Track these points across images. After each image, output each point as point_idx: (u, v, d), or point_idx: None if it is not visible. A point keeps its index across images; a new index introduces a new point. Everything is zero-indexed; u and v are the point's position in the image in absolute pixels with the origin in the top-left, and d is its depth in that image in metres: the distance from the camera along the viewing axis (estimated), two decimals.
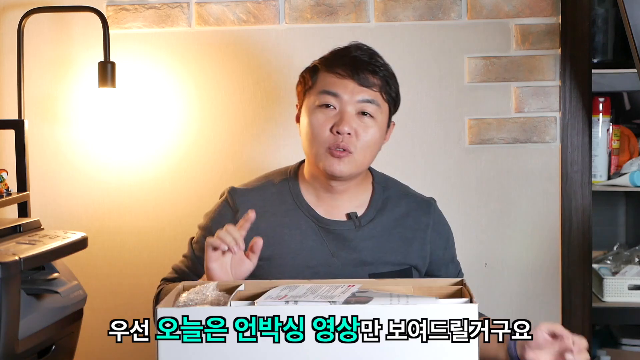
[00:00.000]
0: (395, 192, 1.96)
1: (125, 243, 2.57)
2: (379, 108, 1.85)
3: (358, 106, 1.83)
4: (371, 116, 1.84)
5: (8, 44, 2.52)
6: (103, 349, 2.51)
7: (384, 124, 1.88)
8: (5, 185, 2.14)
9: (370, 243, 1.89)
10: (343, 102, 1.83)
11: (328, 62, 1.87)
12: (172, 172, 2.54)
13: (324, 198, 1.91)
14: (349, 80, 1.83)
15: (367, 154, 1.86)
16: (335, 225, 1.89)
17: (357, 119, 1.83)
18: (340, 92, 1.83)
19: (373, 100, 1.84)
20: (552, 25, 2.48)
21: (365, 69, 1.84)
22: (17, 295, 1.65)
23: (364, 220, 1.91)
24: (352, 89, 1.83)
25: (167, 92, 2.53)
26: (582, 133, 2.49)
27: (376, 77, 1.84)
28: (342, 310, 1.40)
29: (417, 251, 1.92)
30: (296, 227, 1.90)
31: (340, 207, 1.91)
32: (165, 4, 2.53)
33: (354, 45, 1.90)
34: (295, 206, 1.91)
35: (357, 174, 1.88)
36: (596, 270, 2.93)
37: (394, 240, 1.91)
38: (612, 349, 3.08)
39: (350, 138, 1.82)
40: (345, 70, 1.83)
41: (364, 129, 1.83)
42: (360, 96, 1.83)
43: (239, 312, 1.41)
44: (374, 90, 1.84)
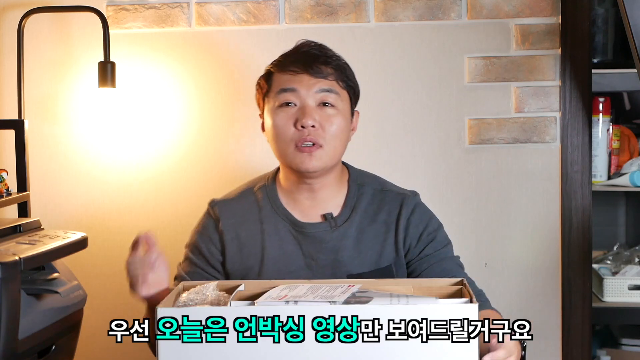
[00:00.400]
0: (370, 188, 1.94)
1: (125, 243, 2.54)
2: (339, 96, 1.85)
3: (317, 97, 1.83)
4: (332, 106, 1.84)
5: (8, 44, 2.52)
6: (103, 349, 2.51)
7: (347, 113, 1.88)
8: (5, 185, 2.14)
9: (347, 243, 1.88)
10: (302, 96, 1.83)
11: (280, 63, 1.88)
12: (172, 172, 2.54)
13: (300, 200, 1.91)
14: (303, 74, 1.84)
15: (336, 145, 1.85)
16: (311, 228, 1.89)
17: (319, 110, 1.83)
18: (297, 87, 1.84)
19: (331, 89, 1.84)
20: (552, 25, 2.48)
21: (317, 61, 1.85)
22: (17, 295, 1.65)
23: (340, 220, 1.89)
24: (308, 82, 1.84)
25: (167, 92, 2.53)
26: (582, 133, 2.49)
27: (329, 67, 1.85)
28: (342, 310, 1.40)
29: (391, 245, 1.90)
30: (275, 233, 1.90)
31: (317, 208, 1.91)
32: (165, 4, 2.53)
33: (302, 43, 1.92)
34: (273, 212, 1.91)
35: (331, 167, 1.87)
36: (596, 270, 2.93)
37: (369, 238, 1.90)
38: (612, 349, 3.08)
39: (316, 130, 1.82)
40: (297, 65, 1.85)
41: (327, 120, 1.83)
42: (317, 87, 1.83)
43: (239, 312, 1.41)
44: (330, 80, 1.84)
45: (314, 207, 1.91)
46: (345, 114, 1.87)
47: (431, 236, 1.92)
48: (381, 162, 2.51)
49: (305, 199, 1.90)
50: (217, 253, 1.92)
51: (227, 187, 2.45)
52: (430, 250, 1.91)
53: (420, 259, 1.90)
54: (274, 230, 1.90)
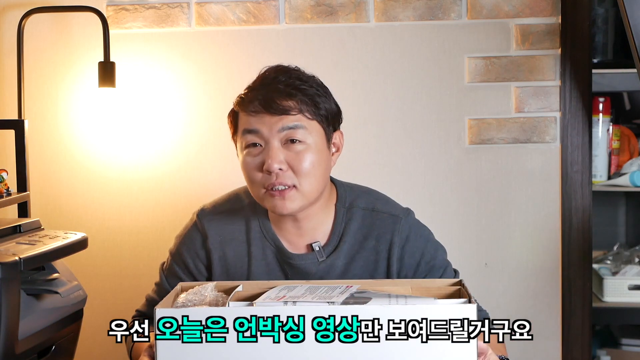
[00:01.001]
0: (359, 211, 1.84)
1: (125, 243, 2.57)
2: (306, 130, 1.73)
3: (282, 135, 1.73)
4: (300, 141, 1.73)
5: (8, 44, 2.52)
6: (103, 349, 2.51)
7: (320, 143, 1.76)
8: (5, 185, 2.14)
9: (334, 275, 1.80)
10: (265, 137, 1.73)
11: (243, 102, 1.78)
12: (171, 172, 2.54)
13: (287, 228, 1.83)
14: (263, 114, 1.73)
15: (312, 183, 1.74)
16: (298, 260, 1.81)
17: (286, 150, 1.73)
18: (259, 128, 1.73)
19: (296, 125, 1.73)
20: (552, 25, 2.48)
21: (278, 96, 1.73)
22: (17, 295, 1.65)
23: (327, 250, 1.82)
24: (269, 122, 1.72)
25: (167, 92, 2.53)
26: (582, 133, 2.49)
27: (293, 100, 1.73)
28: (342, 311, 1.41)
29: (382, 275, 1.81)
30: (262, 258, 1.83)
31: (304, 237, 1.83)
32: (165, 4, 2.53)
33: (267, 71, 1.80)
34: (261, 235, 1.84)
35: (309, 204, 1.77)
36: (596, 270, 2.94)
37: (358, 267, 1.81)
38: (612, 349, 3.08)
39: (285, 172, 1.72)
40: (256, 106, 1.74)
41: (296, 158, 1.72)
42: (280, 125, 1.72)
43: (239, 312, 1.41)
44: (294, 114, 1.73)
45: (300, 236, 1.83)
46: (318, 145, 1.75)
47: (429, 265, 1.84)
48: (381, 162, 2.51)
49: (291, 228, 1.82)
50: (204, 269, 1.87)
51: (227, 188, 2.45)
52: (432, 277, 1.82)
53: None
54: (261, 256, 1.83)
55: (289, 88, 1.74)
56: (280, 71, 1.78)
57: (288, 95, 1.73)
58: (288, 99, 1.73)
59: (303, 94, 1.74)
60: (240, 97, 1.79)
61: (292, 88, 1.74)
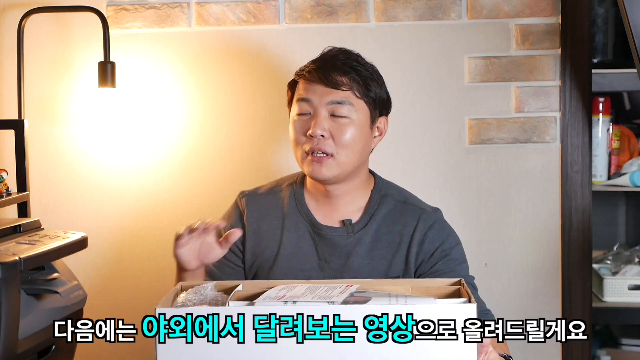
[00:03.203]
0: (392, 199, 1.97)
1: (125, 243, 2.57)
2: (353, 107, 1.87)
3: (329, 108, 1.86)
4: (345, 117, 1.86)
5: (8, 44, 2.52)
6: (103, 349, 2.51)
7: (365, 123, 1.90)
8: (5, 185, 2.14)
9: (360, 249, 1.91)
10: (314, 106, 1.87)
11: (302, 71, 1.92)
12: (172, 172, 2.54)
13: (322, 203, 1.95)
14: (317, 84, 1.87)
15: (349, 155, 1.87)
16: (328, 231, 1.93)
17: (331, 120, 1.86)
18: (310, 96, 1.88)
19: (343, 100, 1.86)
20: (552, 25, 2.48)
21: (335, 70, 1.87)
22: (17, 295, 1.65)
23: (357, 226, 1.93)
24: (321, 92, 1.87)
25: (167, 92, 2.53)
26: (582, 133, 2.49)
27: (346, 76, 1.87)
28: (342, 310, 1.41)
29: (402, 257, 1.92)
30: (294, 230, 1.94)
31: (337, 213, 1.95)
32: (165, 4, 2.53)
33: (329, 50, 1.95)
34: (296, 210, 1.96)
35: (345, 175, 1.89)
36: (596, 270, 2.94)
37: (382, 247, 1.92)
38: (612, 349, 3.08)
39: (326, 140, 1.85)
40: (313, 75, 1.88)
41: (339, 129, 1.86)
42: (329, 97, 1.86)
43: (239, 312, 1.41)
44: (344, 90, 1.86)
45: (334, 212, 1.95)
46: (362, 124, 1.89)
47: (445, 252, 1.93)
48: (381, 162, 2.50)
49: (325, 203, 1.95)
50: (239, 243, 1.96)
51: (228, 188, 2.47)
52: (443, 266, 1.91)
53: (430, 274, 1.90)
54: (294, 228, 1.95)
55: (345, 66, 1.89)
56: (342, 51, 1.94)
57: (343, 72, 1.88)
58: (342, 75, 1.87)
59: (357, 73, 1.89)
60: (301, 68, 1.93)
61: (348, 67, 1.89)
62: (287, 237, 1.94)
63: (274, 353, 1.41)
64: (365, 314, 1.40)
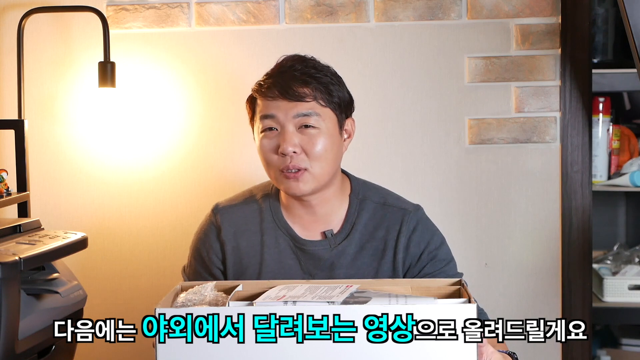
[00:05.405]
0: (371, 204, 1.92)
1: (125, 243, 2.57)
2: (320, 117, 1.82)
3: (296, 122, 1.81)
4: (314, 127, 1.82)
5: (8, 44, 2.52)
6: (103, 349, 2.51)
7: (334, 130, 1.85)
8: (5, 185, 2.14)
9: (343, 261, 1.88)
10: (280, 122, 1.82)
11: (261, 88, 1.86)
12: (172, 172, 2.55)
13: (300, 215, 1.91)
14: (279, 100, 1.82)
15: (324, 166, 1.83)
16: (311, 246, 1.89)
17: (300, 133, 1.82)
18: (274, 112, 1.82)
19: (309, 112, 1.82)
20: (552, 25, 2.48)
21: (295, 82, 1.82)
22: (17, 295, 1.65)
23: (339, 237, 1.89)
24: (285, 107, 1.81)
25: (167, 92, 2.53)
26: (582, 133, 2.49)
27: (308, 87, 1.82)
28: (342, 310, 1.41)
29: (388, 263, 1.88)
30: (274, 246, 1.90)
31: (317, 223, 1.91)
32: (165, 4, 2.53)
33: (284, 60, 1.88)
34: (274, 224, 1.91)
35: (322, 187, 1.86)
36: (596, 270, 2.94)
37: (367, 255, 1.88)
38: (612, 349, 3.08)
39: (298, 155, 1.81)
40: (273, 91, 1.82)
41: (309, 142, 1.81)
42: (295, 111, 1.81)
43: (239, 312, 1.41)
44: (308, 101, 1.82)
45: (314, 222, 1.91)
46: (330, 131, 1.84)
47: (432, 255, 1.90)
48: (381, 162, 2.51)
49: (304, 214, 1.90)
50: (218, 262, 1.93)
51: (228, 188, 2.46)
52: (431, 269, 1.89)
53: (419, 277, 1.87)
54: (274, 243, 1.90)
55: (304, 76, 1.83)
56: (297, 60, 1.87)
57: (303, 82, 1.82)
58: (303, 86, 1.82)
59: (318, 82, 1.83)
60: (259, 83, 1.88)
61: (308, 76, 1.83)
62: (268, 253, 1.89)
63: (274, 353, 1.41)
64: (365, 314, 1.40)
